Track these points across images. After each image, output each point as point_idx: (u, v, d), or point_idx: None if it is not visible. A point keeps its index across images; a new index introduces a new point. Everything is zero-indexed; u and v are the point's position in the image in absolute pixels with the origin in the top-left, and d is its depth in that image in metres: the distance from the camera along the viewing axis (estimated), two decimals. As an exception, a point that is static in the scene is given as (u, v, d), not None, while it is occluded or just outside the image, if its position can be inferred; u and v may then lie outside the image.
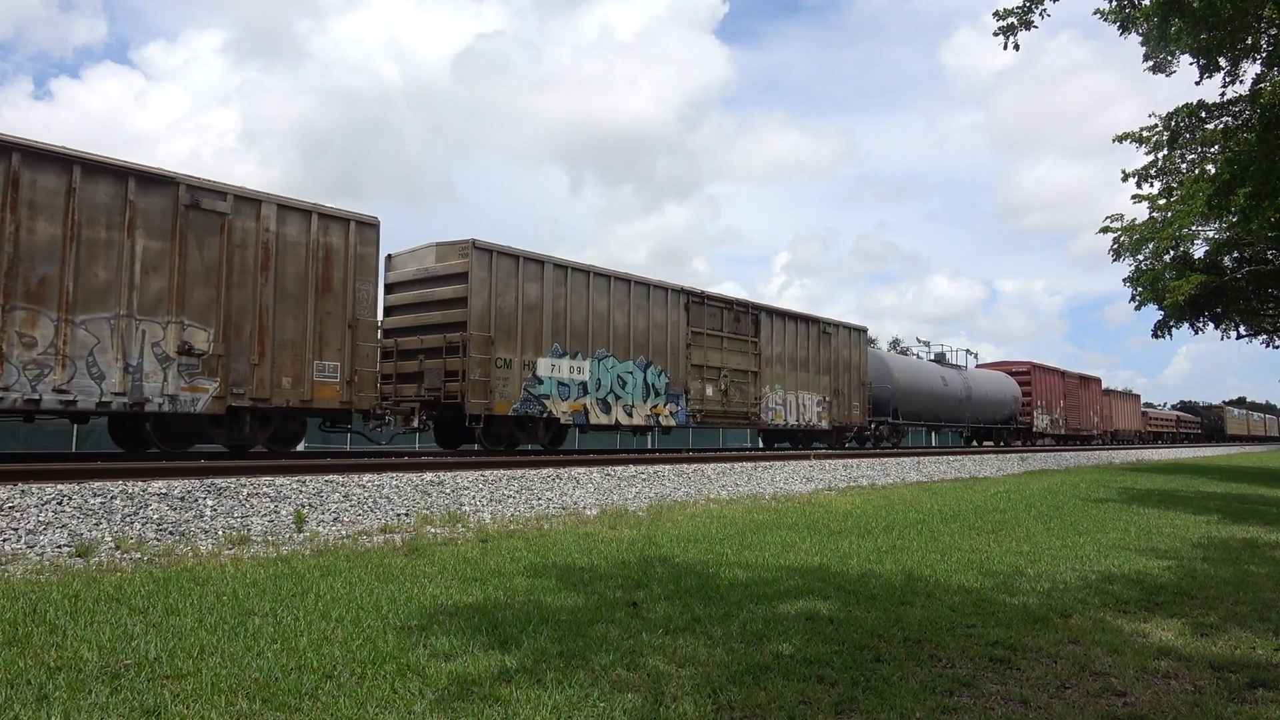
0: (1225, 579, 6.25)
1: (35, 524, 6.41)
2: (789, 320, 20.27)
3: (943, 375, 28.84)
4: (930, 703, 3.31)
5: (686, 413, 16.63)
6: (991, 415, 32.03)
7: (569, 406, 14.30)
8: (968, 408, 29.74)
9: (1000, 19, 12.32)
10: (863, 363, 23.23)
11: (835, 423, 21.72)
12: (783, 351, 19.80)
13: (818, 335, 21.29)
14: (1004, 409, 32.87)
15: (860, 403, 22.83)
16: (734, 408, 17.99)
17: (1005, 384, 33.98)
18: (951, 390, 28.97)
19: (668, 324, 16.48)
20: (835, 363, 21.86)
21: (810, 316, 21.12)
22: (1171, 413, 70.21)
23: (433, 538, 7.49)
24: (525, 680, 3.43)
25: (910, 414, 26.38)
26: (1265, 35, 13.86)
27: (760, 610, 4.78)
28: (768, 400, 19.06)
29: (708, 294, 17.60)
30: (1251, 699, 3.53)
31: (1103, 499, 13.51)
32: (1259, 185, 14.10)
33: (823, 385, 21.29)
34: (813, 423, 20.70)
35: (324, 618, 4.37)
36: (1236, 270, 25.76)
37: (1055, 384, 38.21)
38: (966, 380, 30.25)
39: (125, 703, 3.08)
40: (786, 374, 19.86)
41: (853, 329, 23.05)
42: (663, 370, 16.26)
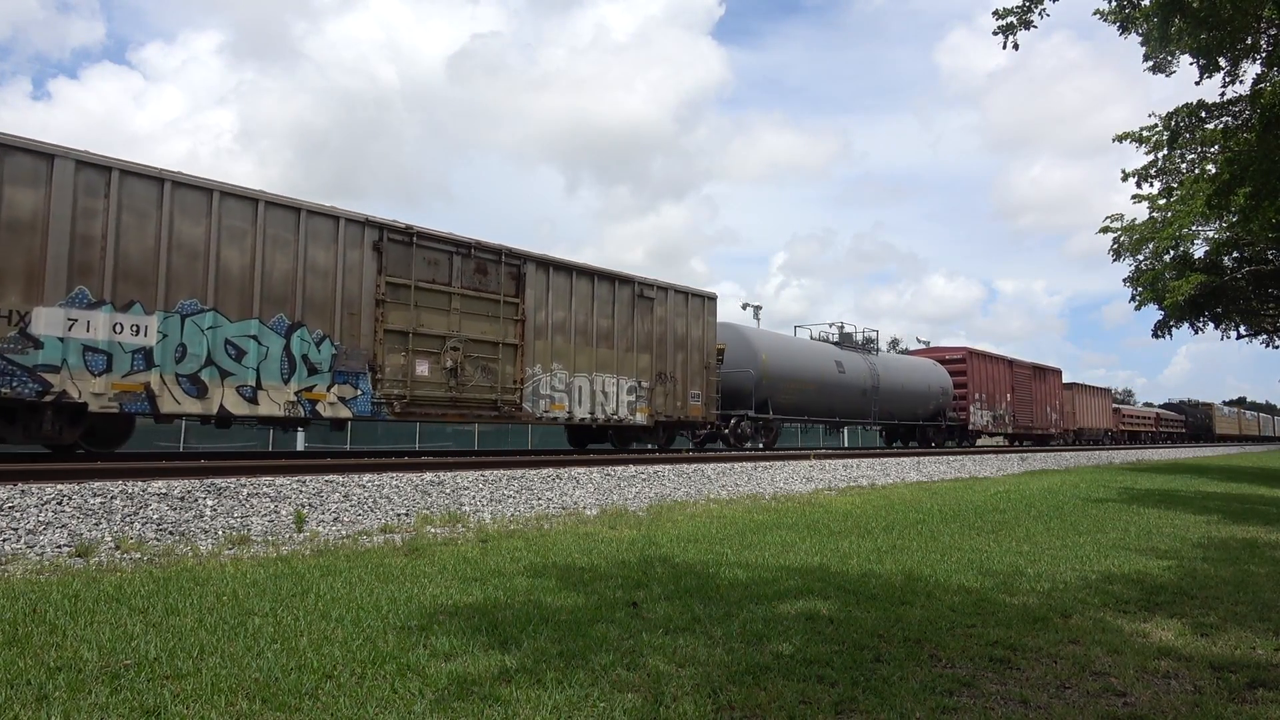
0: (1225, 579, 6.25)
1: (35, 524, 6.41)
2: (578, 277, 14.92)
3: (838, 359, 23.30)
4: (930, 703, 3.31)
5: (374, 398, 11.70)
6: (911, 410, 26.85)
7: (110, 385, 9.39)
8: (875, 400, 24.52)
9: (1000, 18, 12.32)
10: (707, 339, 17.83)
11: (661, 416, 16.44)
12: (567, 319, 14.55)
13: (630, 300, 15.93)
14: (928, 402, 27.56)
15: (704, 391, 17.52)
16: (472, 393, 12.87)
17: (930, 373, 28.21)
18: (851, 378, 23.47)
19: (340, 269, 11.36)
20: (662, 338, 16.56)
21: (618, 274, 15.84)
22: (1149, 410, 63.45)
23: (433, 538, 7.49)
24: (525, 680, 3.43)
25: (788, 407, 21.19)
26: (1265, 35, 13.86)
27: (760, 610, 4.78)
28: (538, 385, 13.93)
29: (420, 230, 12.44)
30: (1251, 699, 3.53)
31: (1103, 499, 13.51)
32: (1259, 185, 14.10)
33: (639, 367, 15.95)
34: (621, 416, 15.51)
35: (324, 618, 4.36)
36: (1236, 270, 25.76)
37: (1000, 374, 32.69)
38: (874, 367, 24.91)
39: (125, 703, 3.08)
40: (574, 350, 14.63)
41: (692, 294, 17.55)
42: (327, 336, 11.22)
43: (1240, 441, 76.78)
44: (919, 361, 28.95)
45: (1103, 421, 46.39)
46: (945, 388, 28.52)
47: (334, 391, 11.36)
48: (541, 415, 14.14)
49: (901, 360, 27.94)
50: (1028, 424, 34.49)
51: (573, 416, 14.71)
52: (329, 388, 11.30)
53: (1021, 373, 34.43)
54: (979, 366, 31.02)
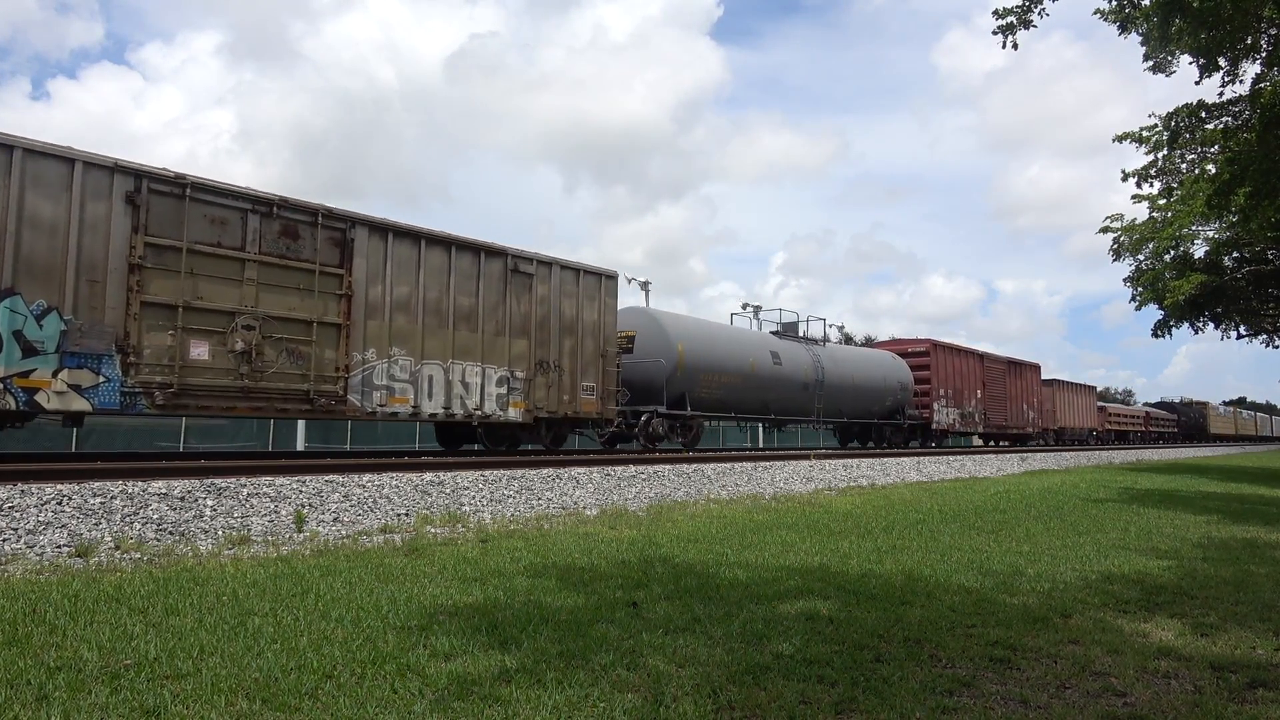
0: (1225, 579, 6.25)
1: (35, 524, 6.41)
2: (429, 246, 12.58)
3: (774, 350, 20.73)
4: (930, 703, 3.31)
5: (124, 386, 9.40)
6: (864, 406, 24.39)
7: None
8: (819, 395, 22.02)
9: (999, 18, 12.33)
10: (606, 323, 15.42)
11: (543, 412, 14.12)
12: (413, 296, 12.27)
13: (501, 276, 13.58)
14: (884, 398, 25.13)
15: (600, 383, 15.15)
16: (274, 381, 10.56)
17: (887, 366, 25.64)
18: (789, 371, 20.94)
19: (75, 225, 9.10)
20: (544, 321, 14.22)
21: (484, 244, 13.42)
22: (1138, 409, 60.75)
23: (433, 538, 7.49)
24: (525, 680, 3.43)
25: (712, 403, 18.99)
26: (1265, 35, 13.86)
27: (760, 610, 4.78)
28: (372, 373, 11.68)
29: (198, 181, 10.07)
30: (1251, 699, 3.53)
31: (1103, 499, 13.51)
32: (1259, 185, 14.10)
33: (513, 354, 13.66)
34: (488, 412, 13.21)
35: (324, 618, 4.36)
36: (1236, 270, 25.76)
37: (969, 369, 29.93)
38: (818, 359, 22.25)
39: (125, 703, 3.08)
40: (422, 333, 12.36)
41: (585, 272, 15.16)
42: (54, 308, 8.95)
43: (1236, 442, 74.41)
44: (874, 354, 26.47)
45: (1087, 421, 44.32)
46: (904, 383, 25.95)
47: (63, 378, 8.98)
48: (376, 409, 11.76)
49: (852, 352, 25.42)
50: (1001, 423, 32.13)
51: (420, 411, 12.30)
52: (55, 373, 8.93)
53: (994, 368, 32.16)
54: (944, 360, 28.36)
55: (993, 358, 32.21)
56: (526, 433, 14.60)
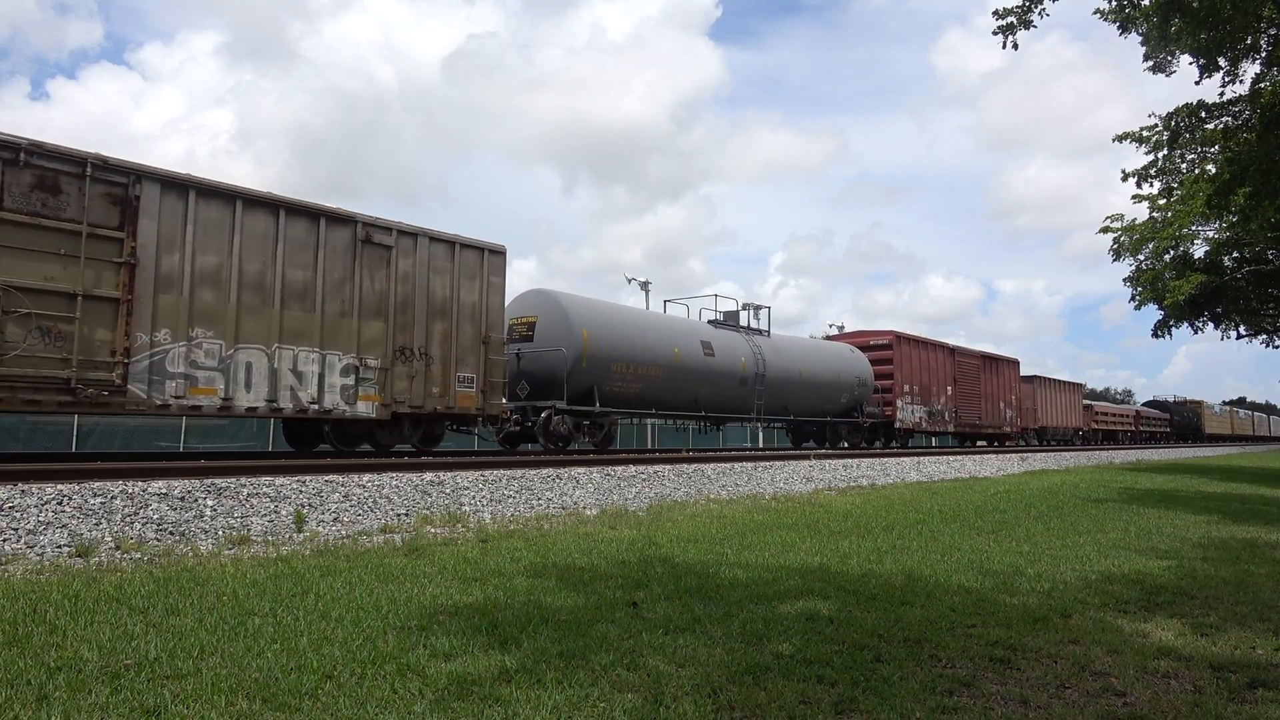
0: (1225, 579, 6.25)
1: (35, 524, 6.41)
2: (249, 208, 10.66)
3: (705, 340, 18.73)
4: (930, 703, 3.31)
5: None
6: (815, 403, 22.31)
7: None
8: (760, 391, 19.93)
9: (999, 18, 12.34)
10: (491, 306, 13.54)
11: (405, 406, 12.30)
12: (224, 267, 10.39)
13: (349, 247, 11.72)
14: (838, 394, 22.99)
15: (481, 374, 13.27)
16: (19, 366, 8.78)
17: (843, 360, 23.42)
18: (723, 364, 18.88)
19: None
20: (407, 301, 12.39)
21: (325, 209, 11.52)
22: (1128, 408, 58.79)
23: (433, 538, 7.49)
24: (525, 680, 3.43)
25: (631, 397, 16.88)
26: (1265, 35, 13.86)
27: (760, 610, 4.78)
28: (164, 359, 9.84)
29: None
30: (1251, 699, 3.53)
31: (1103, 499, 13.51)
32: (1259, 185, 14.10)
33: (365, 339, 11.84)
34: (330, 405, 11.39)
35: (324, 618, 4.37)
36: (1236, 270, 25.76)
37: (938, 363, 27.84)
38: (759, 351, 20.16)
39: (125, 703, 3.08)
40: (237, 311, 10.41)
41: (463, 246, 13.26)
42: None
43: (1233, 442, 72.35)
44: (827, 346, 24.31)
45: (1071, 420, 42.39)
46: (863, 378, 23.85)
47: None
48: (170, 402, 9.85)
49: (801, 344, 23.19)
50: (974, 421, 30.03)
51: (233, 405, 10.39)
52: None
53: (967, 362, 30.13)
54: (910, 354, 26.36)
55: (965, 352, 30.36)
56: (385, 430, 12.72)
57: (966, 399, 29.48)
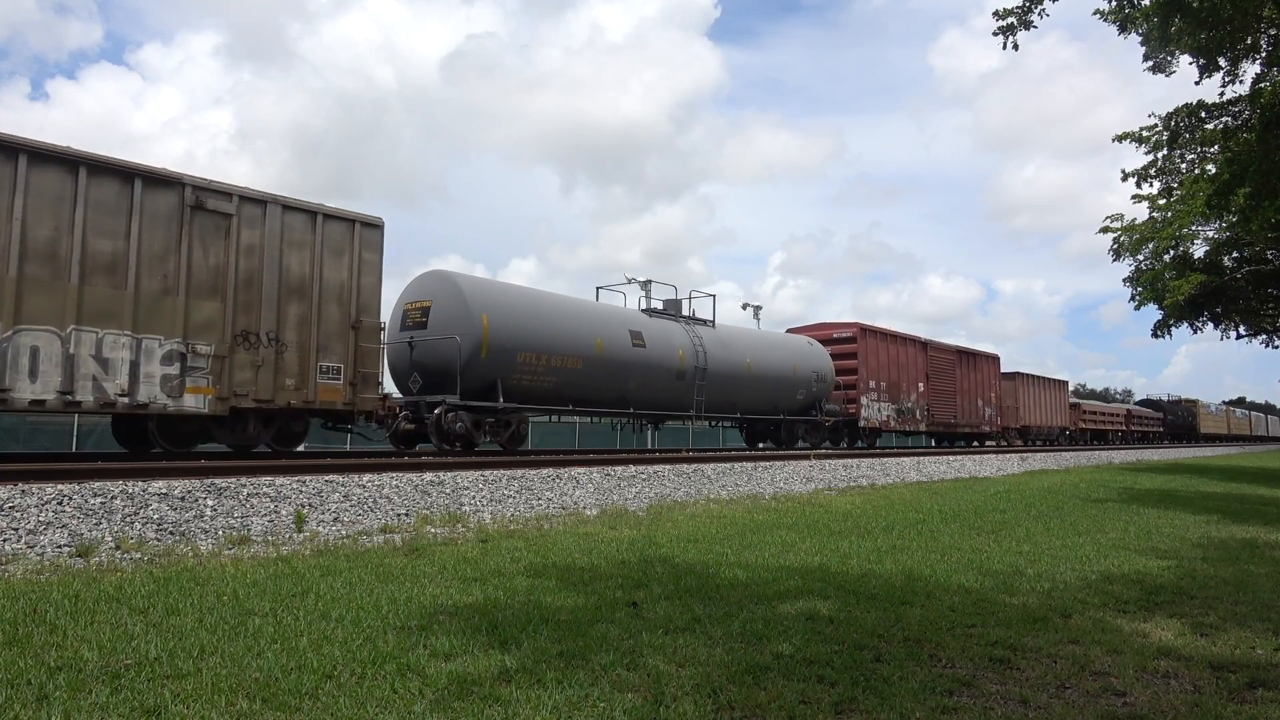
0: (1225, 579, 6.25)
1: (35, 524, 6.41)
2: (34, 164, 9.08)
3: (634, 329, 16.81)
4: (930, 703, 3.31)
5: None
6: (766, 399, 20.41)
7: None
8: (700, 386, 18.05)
9: (1000, 19, 12.33)
10: (364, 285, 11.99)
11: (249, 400, 10.81)
12: None
13: (175, 214, 10.20)
14: (793, 391, 21.02)
15: (351, 365, 11.77)
16: None
17: (799, 353, 21.49)
18: (657, 356, 16.98)
19: None
20: (252, 277, 10.88)
21: (141, 169, 9.96)
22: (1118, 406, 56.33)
23: (433, 538, 7.49)
24: (525, 680, 3.43)
25: (544, 392, 15.09)
26: (1265, 35, 13.86)
27: (760, 610, 4.78)
28: None
29: None
30: (1251, 699, 3.53)
31: (1102, 499, 13.51)
32: (1259, 185, 14.10)
33: (196, 322, 10.30)
34: (147, 399, 9.84)
35: (324, 618, 4.37)
36: (1236, 270, 25.76)
37: (908, 358, 26.02)
38: (699, 342, 18.25)
39: (125, 703, 3.08)
40: (20, 287, 8.95)
41: (327, 216, 11.64)
42: None
43: (1230, 442, 70.41)
44: (782, 338, 22.19)
45: (1056, 418, 40.50)
46: (822, 373, 21.94)
47: None
48: None
49: (751, 335, 20.99)
50: (948, 420, 28.40)
51: (10, 396, 8.86)
52: None
53: (941, 358, 28.41)
54: (876, 347, 24.62)
55: (939, 346, 28.67)
56: (225, 429, 11.02)
57: (940, 396, 27.89)
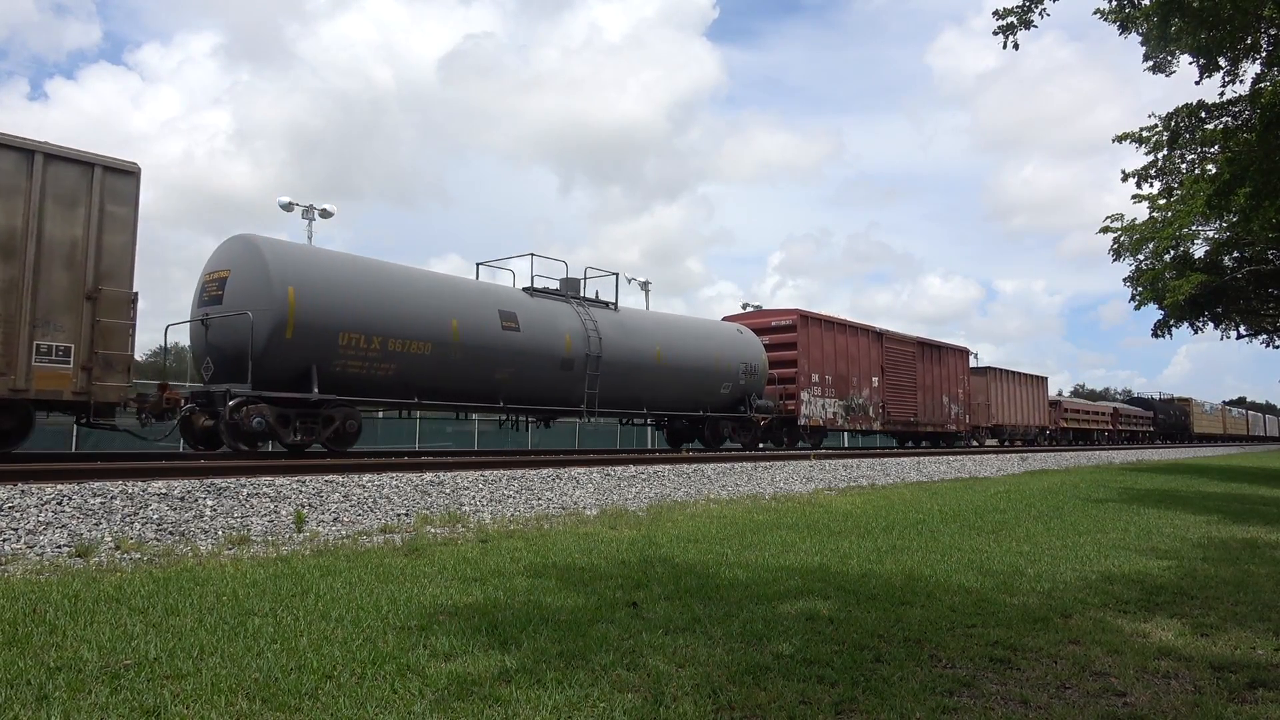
0: (1225, 579, 6.25)
1: (35, 524, 6.41)
2: None
3: (506, 308, 14.21)
4: (930, 703, 3.31)
5: None
6: (682, 394, 17.79)
7: None
8: (592, 377, 15.37)
9: (1000, 18, 12.34)
10: (98, 246, 9.57)
11: None
12: None
13: None
14: (716, 384, 18.42)
15: (85, 345, 9.42)
16: None
17: (725, 342, 18.94)
18: (537, 341, 14.44)
19: None
20: None
21: None
22: (1103, 404, 53.13)
23: (433, 538, 7.49)
24: (525, 680, 3.43)
25: (381, 382, 12.57)
26: (1265, 35, 13.87)
27: (760, 610, 4.78)
28: None
29: None
30: (1251, 699, 3.53)
31: (1103, 499, 13.51)
32: (1259, 185, 14.11)
33: None
34: None
35: (324, 618, 4.36)
36: (1236, 270, 25.78)
37: (859, 350, 23.44)
38: (594, 326, 15.56)
39: (125, 703, 3.08)
40: None
41: (54, 157, 9.30)
42: None
43: (1225, 442, 67.86)
44: (702, 325, 19.36)
45: (1035, 417, 37.99)
46: (752, 364, 19.36)
47: None
48: None
49: (662, 321, 18.18)
50: (907, 418, 26.05)
51: None
52: None
53: (899, 350, 25.96)
54: (820, 337, 22.01)
55: (897, 337, 26.12)
56: None
57: (898, 392, 25.58)
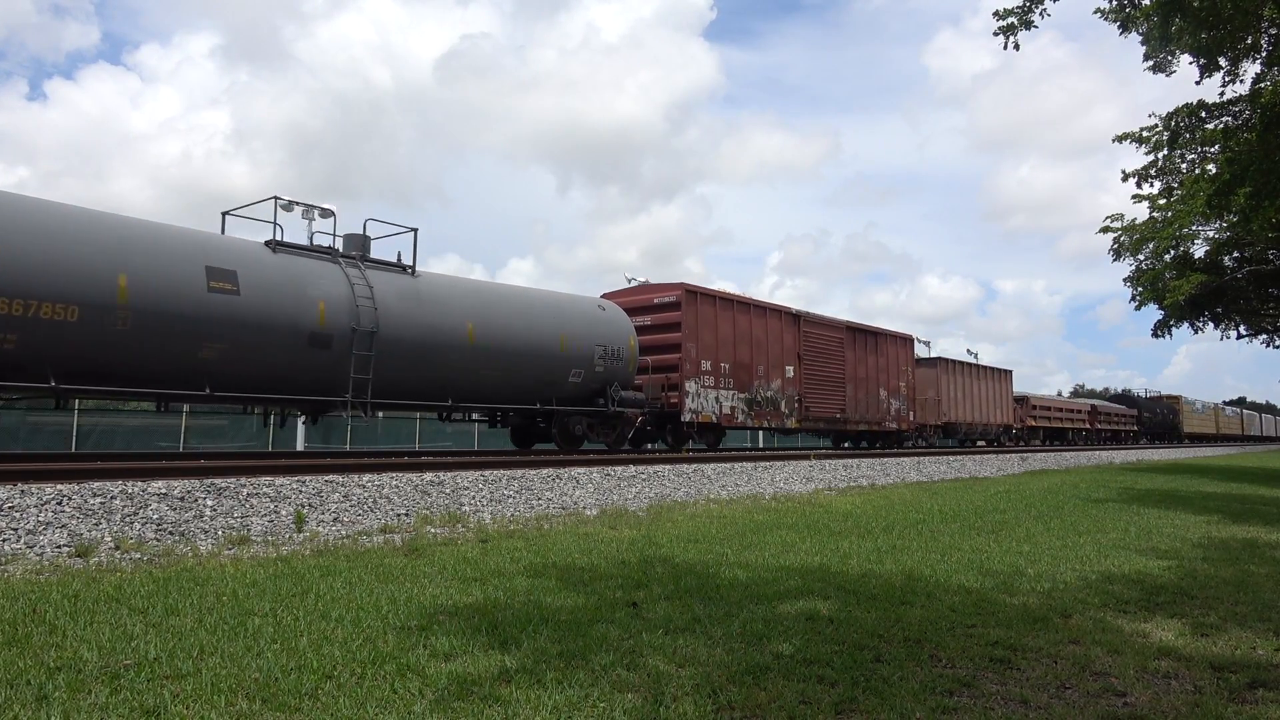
0: (1225, 579, 6.25)
1: (35, 524, 6.40)
2: None
3: (218, 264, 10.54)
4: (930, 703, 3.31)
5: None
6: (511, 383, 13.82)
7: None
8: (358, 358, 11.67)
9: (1000, 19, 12.33)
10: None
11: None
12: None
13: None
14: (561, 371, 14.56)
15: None
16: None
17: (575, 319, 15.06)
18: (267, 308, 10.86)
19: None
20: None
21: None
22: (1080, 401, 48.81)
23: (433, 538, 7.49)
24: (525, 680, 3.43)
25: None
26: (1265, 35, 13.86)
27: (760, 610, 4.77)
28: None
29: None
30: (1251, 699, 3.53)
31: (1103, 499, 13.51)
32: (1259, 185, 14.11)
33: None
34: None
35: (324, 618, 4.36)
36: (1237, 270, 25.78)
37: (767, 335, 19.67)
38: (368, 295, 11.86)
39: (125, 703, 3.08)
40: None
41: None
42: None
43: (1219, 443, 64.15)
44: (540, 297, 15.12)
45: (995, 415, 33.77)
46: (614, 347, 15.58)
47: None
48: None
49: (474, 289, 13.84)
50: (831, 413, 22.08)
51: None
52: None
53: (822, 335, 21.86)
54: (711, 318, 18.08)
55: (818, 320, 21.93)
56: None
57: (821, 384, 21.69)
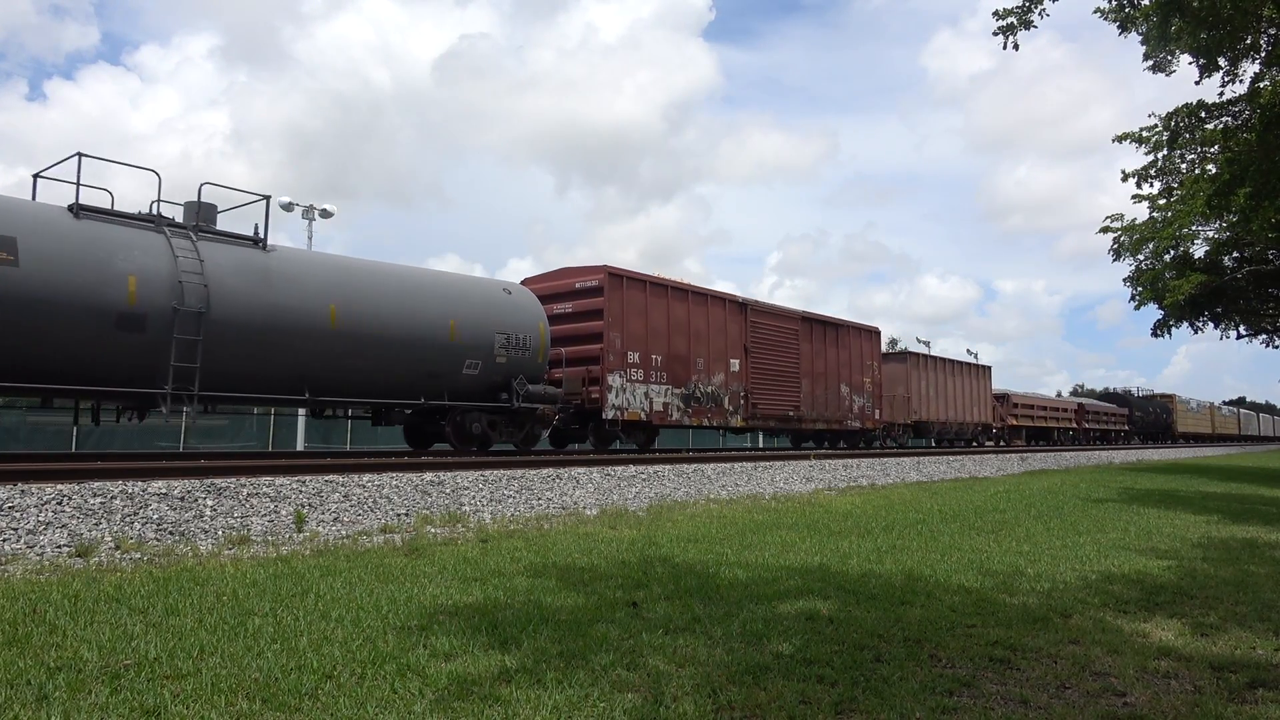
0: (1225, 579, 6.25)
1: (35, 524, 6.40)
2: None
3: None
4: (930, 703, 3.31)
5: None
6: (388, 374, 12.25)
7: None
8: (180, 344, 9.85)
9: (999, 19, 12.33)
10: None
11: None
12: None
13: None
14: (454, 362, 13.07)
15: None
16: None
17: (468, 301, 13.40)
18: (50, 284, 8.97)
19: None
20: None
21: None
22: (1066, 400, 46.75)
23: (433, 538, 7.49)
24: (525, 680, 3.43)
25: None
26: (1265, 35, 13.86)
27: (760, 610, 4.77)
28: None
29: None
30: (1251, 699, 3.53)
31: (1103, 499, 13.51)
32: (1259, 185, 14.12)
33: None
34: None
35: (324, 618, 4.36)
36: (1236, 270, 25.78)
37: (707, 324, 17.98)
38: (195, 268, 10.11)
39: (125, 703, 3.08)
40: None
41: None
42: None
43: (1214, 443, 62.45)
44: (423, 277, 13.43)
45: (972, 413, 31.74)
46: (519, 336, 13.94)
47: None
48: None
49: (341, 267, 12.21)
50: (783, 411, 20.30)
51: None
52: None
53: (773, 326, 20.18)
54: (639, 304, 16.30)
55: (768, 309, 20.25)
56: None
57: (771, 379, 19.92)
